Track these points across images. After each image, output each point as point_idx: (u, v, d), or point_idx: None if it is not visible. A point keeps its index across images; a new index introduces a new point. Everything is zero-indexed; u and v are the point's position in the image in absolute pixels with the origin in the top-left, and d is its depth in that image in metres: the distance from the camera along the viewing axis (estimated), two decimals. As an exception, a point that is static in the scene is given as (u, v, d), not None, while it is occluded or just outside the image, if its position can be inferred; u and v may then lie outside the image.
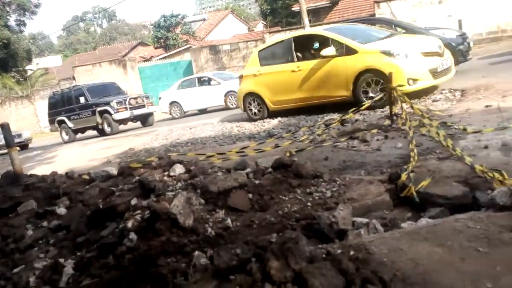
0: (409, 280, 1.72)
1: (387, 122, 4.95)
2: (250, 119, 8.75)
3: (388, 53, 6.57)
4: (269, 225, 2.75)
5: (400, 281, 1.72)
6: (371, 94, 6.65)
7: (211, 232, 2.58)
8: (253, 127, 7.73)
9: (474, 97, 5.69)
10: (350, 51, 6.97)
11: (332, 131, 5.23)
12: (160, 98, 16.40)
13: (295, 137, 5.40)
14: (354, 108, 5.33)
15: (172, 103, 15.96)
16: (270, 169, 3.54)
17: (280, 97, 8.14)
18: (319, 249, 2.06)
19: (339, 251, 2.01)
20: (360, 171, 3.53)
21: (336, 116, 6.47)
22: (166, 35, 32.68)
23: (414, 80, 6.40)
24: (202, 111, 15.88)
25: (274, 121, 7.90)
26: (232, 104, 14.42)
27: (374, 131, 4.73)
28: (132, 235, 2.57)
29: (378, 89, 6.59)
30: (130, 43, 45.52)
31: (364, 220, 2.48)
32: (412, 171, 2.96)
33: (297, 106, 8.00)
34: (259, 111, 8.67)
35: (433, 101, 6.17)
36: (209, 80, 15.50)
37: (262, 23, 36.83)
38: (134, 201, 3.02)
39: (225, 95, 14.54)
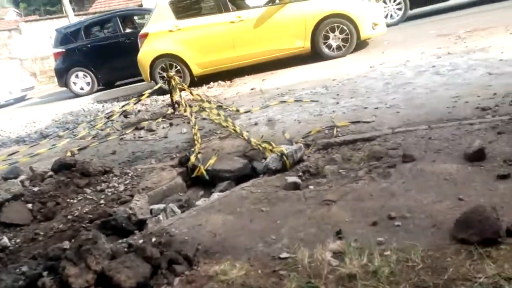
0: (211, 250, 1.86)
1: (170, 110, 5.08)
2: (164, 92, 6.47)
3: None
4: (58, 234, 2.49)
5: (203, 253, 1.84)
6: (332, 43, 6.14)
7: (-18, 258, 2.14)
8: (21, 129, 6.68)
9: (241, 82, 6.42)
10: None
11: (115, 124, 5.03)
12: None
13: (74, 135, 4.95)
14: (134, 99, 5.25)
15: None
16: (50, 173, 3.17)
17: (212, 56, 6.58)
18: (120, 244, 1.99)
19: (140, 241, 1.99)
20: (151, 159, 3.54)
21: (116, 108, 6.23)
22: None
23: (375, 25, 6.10)
24: None
25: (47, 121, 7.01)
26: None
27: (159, 120, 4.79)
28: None
29: (340, 37, 6.06)
30: None
31: (161, 205, 2.52)
32: (199, 153, 3.16)
33: (238, 65, 6.60)
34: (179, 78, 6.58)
35: (208, 88, 6.65)
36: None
37: (15, 11, 31.57)
38: None
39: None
